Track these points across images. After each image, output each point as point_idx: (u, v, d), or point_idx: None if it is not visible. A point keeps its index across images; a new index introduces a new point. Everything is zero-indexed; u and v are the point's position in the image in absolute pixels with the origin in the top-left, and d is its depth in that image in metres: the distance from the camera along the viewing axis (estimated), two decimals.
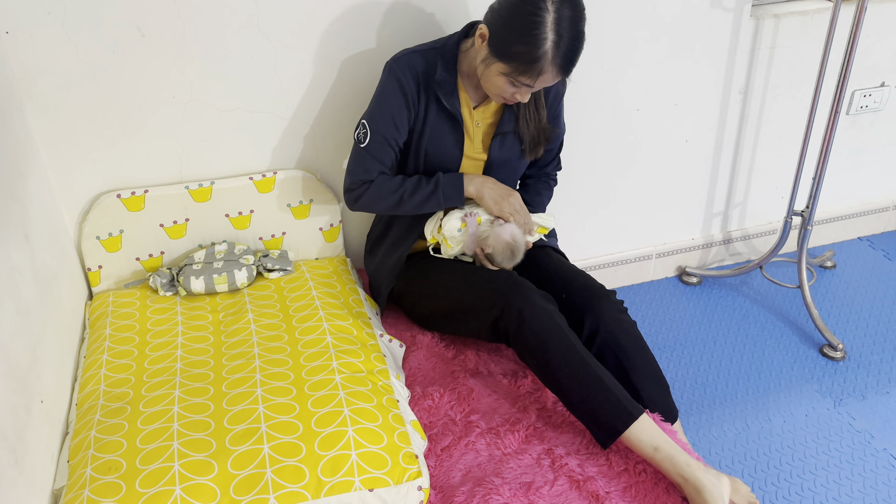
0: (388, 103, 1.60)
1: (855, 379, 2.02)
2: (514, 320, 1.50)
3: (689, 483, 1.36)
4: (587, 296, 1.60)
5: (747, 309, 2.29)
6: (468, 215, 1.68)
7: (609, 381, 1.45)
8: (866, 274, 2.43)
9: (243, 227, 1.86)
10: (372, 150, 1.64)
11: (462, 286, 1.65)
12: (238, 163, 1.83)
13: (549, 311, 1.50)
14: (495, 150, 1.69)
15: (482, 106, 1.66)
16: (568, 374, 1.45)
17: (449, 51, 1.60)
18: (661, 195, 2.28)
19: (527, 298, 1.51)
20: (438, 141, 1.65)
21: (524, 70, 1.44)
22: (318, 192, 1.88)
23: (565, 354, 1.46)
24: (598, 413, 1.43)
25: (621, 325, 1.58)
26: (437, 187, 1.65)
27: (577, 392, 1.45)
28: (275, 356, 1.55)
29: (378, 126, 1.62)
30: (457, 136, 1.65)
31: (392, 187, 1.66)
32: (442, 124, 1.64)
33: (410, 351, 1.76)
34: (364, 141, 1.64)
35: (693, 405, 1.96)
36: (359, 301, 1.78)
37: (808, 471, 1.76)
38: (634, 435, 1.40)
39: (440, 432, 1.55)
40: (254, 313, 1.70)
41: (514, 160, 1.72)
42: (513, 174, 1.76)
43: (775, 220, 2.47)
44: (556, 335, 1.48)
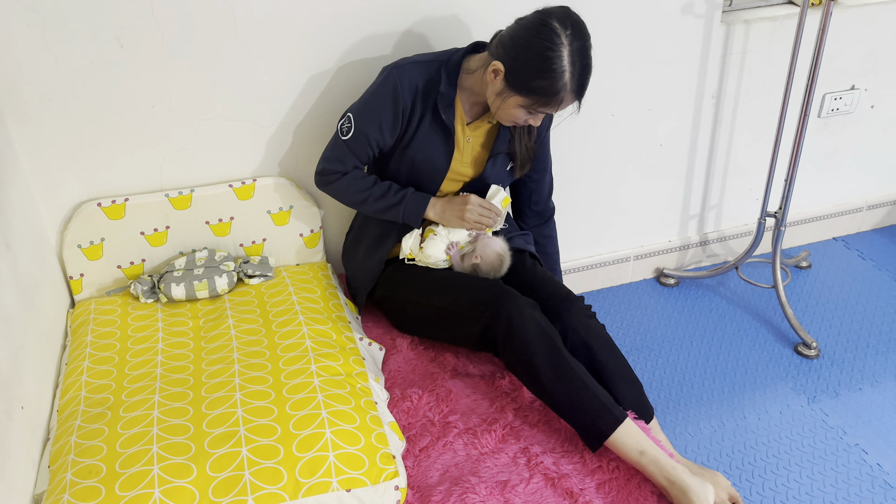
0: (379, 107, 1.63)
1: (828, 376, 2.06)
2: (503, 329, 1.53)
3: (674, 486, 1.39)
4: (556, 302, 1.64)
5: (724, 309, 2.33)
6: (450, 247, 1.72)
7: (594, 387, 1.48)
8: (841, 273, 2.48)
9: (224, 234, 1.89)
10: (352, 145, 1.68)
11: (449, 295, 1.67)
12: (218, 170, 1.85)
13: (537, 320, 1.54)
14: (489, 169, 1.73)
15: (475, 124, 1.70)
16: (555, 382, 1.48)
17: (453, 66, 1.64)
18: (638, 198, 2.31)
19: (516, 307, 1.54)
20: (428, 151, 1.68)
21: (545, 102, 1.51)
22: (298, 199, 1.91)
23: (552, 362, 1.49)
24: (586, 418, 1.46)
25: (590, 330, 1.61)
26: (401, 202, 1.69)
27: (564, 399, 1.48)
28: (254, 360, 1.57)
29: (363, 124, 1.65)
30: (447, 149, 1.68)
31: (362, 186, 1.70)
32: (434, 135, 1.67)
33: (390, 354, 1.78)
34: (347, 134, 1.67)
35: (670, 403, 1.99)
36: (339, 305, 1.80)
37: (783, 466, 1.80)
38: (620, 439, 1.43)
39: (418, 433, 1.57)
40: (234, 319, 1.72)
41: (504, 178, 1.76)
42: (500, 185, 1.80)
43: (750, 222, 2.52)
44: (543, 343, 1.51)
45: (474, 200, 1.68)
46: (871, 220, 2.69)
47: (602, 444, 1.45)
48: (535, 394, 1.54)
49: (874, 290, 2.39)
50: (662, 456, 1.41)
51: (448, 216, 1.69)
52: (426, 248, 1.72)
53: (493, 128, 1.72)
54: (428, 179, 1.72)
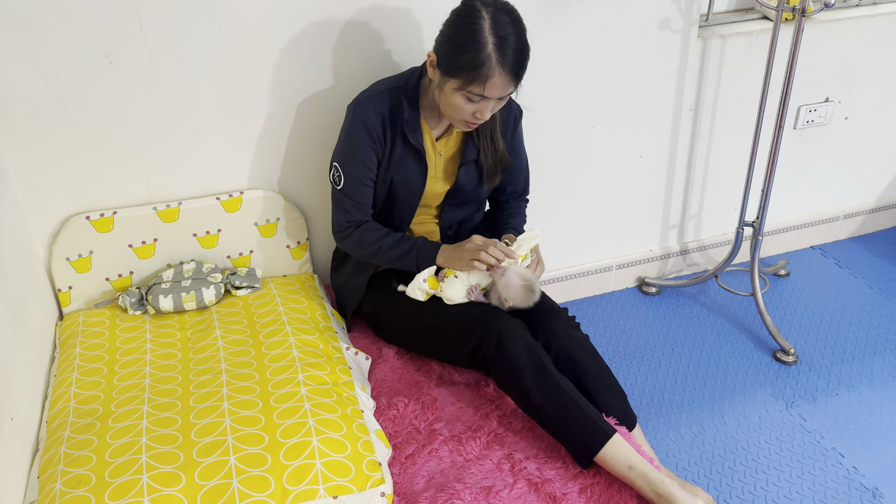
0: (357, 146, 1.67)
1: (806, 382, 2.10)
2: (493, 348, 1.56)
3: (663, 499, 1.42)
4: (539, 315, 1.67)
5: (704, 317, 2.37)
6: (472, 291, 1.69)
7: (583, 404, 1.51)
8: (818, 281, 2.53)
9: (211, 246, 1.91)
10: (348, 192, 1.72)
11: (439, 313, 1.69)
12: (205, 183, 1.88)
13: (526, 340, 1.57)
14: (462, 177, 1.76)
15: (444, 137, 1.74)
16: (545, 400, 1.51)
17: (411, 90, 1.67)
18: (618, 209, 2.36)
19: (505, 328, 1.57)
20: (403, 172, 1.72)
21: (473, 78, 1.50)
22: (285, 211, 1.94)
23: (541, 381, 1.52)
24: (575, 435, 1.49)
25: (573, 340, 1.65)
26: (411, 250, 1.71)
27: (553, 416, 1.51)
28: (241, 370, 1.59)
29: (349, 169, 1.69)
30: (420, 168, 1.72)
31: (373, 238, 1.73)
32: (407, 157, 1.71)
33: (376, 363, 1.81)
34: (339, 184, 1.71)
35: (651, 410, 2.03)
36: (325, 316, 1.83)
37: (762, 471, 1.83)
38: (609, 454, 1.46)
39: (404, 441, 1.60)
40: (221, 330, 1.74)
41: (476, 187, 1.79)
42: (476, 198, 1.83)
43: (729, 231, 2.57)
44: (531, 363, 1.54)
45: (475, 240, 1.65)
46: (847, 229, 2.75)
47: (591, 460, 1.48)
48: (526, 412, 1.57)
49: (850, 297, 2.44)
50: (651, 470, 1.44)
51: (454, 259, 1.67)
52: (446, 290, 1.70)
53: (461, 137, 1.76)
54: (405, 199, 1.76)
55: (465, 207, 1.85)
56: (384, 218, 1.79)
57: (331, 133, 1.91)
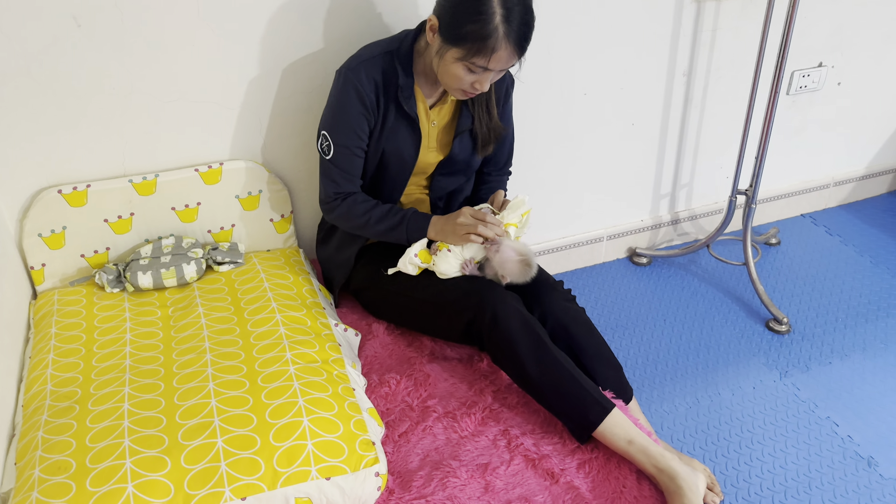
0: (348, 113, 1.60)
1: (799, 351, 2.09)
2: (489, 323, 1.51)
3: (663, 473, 1.39)
4: (535, 288, 1.62)
5: (695, 287, 2.34)
6: (466, 265, 1.64)
7: (580, 377, 1.47)
8: (809, 249, 2.51)
9: (190, 220, 1.83)
10: (338, 162, 1.64)
11: (432, 287, 1.63)
12: (183, 154, 1.80)
13: (521, 313, 1.52)
14: (456, 148, 1.70)
15: (438, 105, 1.67)
16: (541, 374, 1.47)
17: (404, 54, 1.59)
18: (610, 178, 2.31)
19: (500, 301, 1.52)
20: (396, 141, 1.65)
21: (478, 49, 1.43)
22: (268, 183, 1.86)
23: (537, 355, 1.48)
24: (573, 409, 1.45)
25: (569, 313, 1.61)
26: (401, 223, 1.65)
27: (551, 391, 1.47)
28: (227, 349, 1.53)
29: (339, 137, 1.62)
30: (414, 137, 1.66)
31: (362, 210, 1.67)
32: (400, 126, 1.64)
33: (366, 339, 1.75)
34: (328, 153, 1.64)
35: (645, 382, 2.00)
36: (312, 292, 1.77)
37: (756, 441, 1.82)
38: (608, 428, 1.42)
39: (397, 418, 1.56)
40: (204, 307, 1.67)
41: (469, 157, 1.73)
42: (468, 169, 1.77)
43: (721, 200, 2.53)
44: (527, 336, 1.49)
45: (465, 212, 1.60)
46: (837, 196, 2.73)
47: (590, 434, 1.44)
48: (523, 387, 1.53)
49: (841, 265, 2.43)
50: (650, 444, 1.41)
51: (446, 233, 1.62)
52: (439, 264, 1.64)
53: (455, 106, 1.69)
54: (397, 170, 1.69)
55: (456, 177, 1.79)
56: (374, 189, 1.73)
57: (316, 100, 1.83)
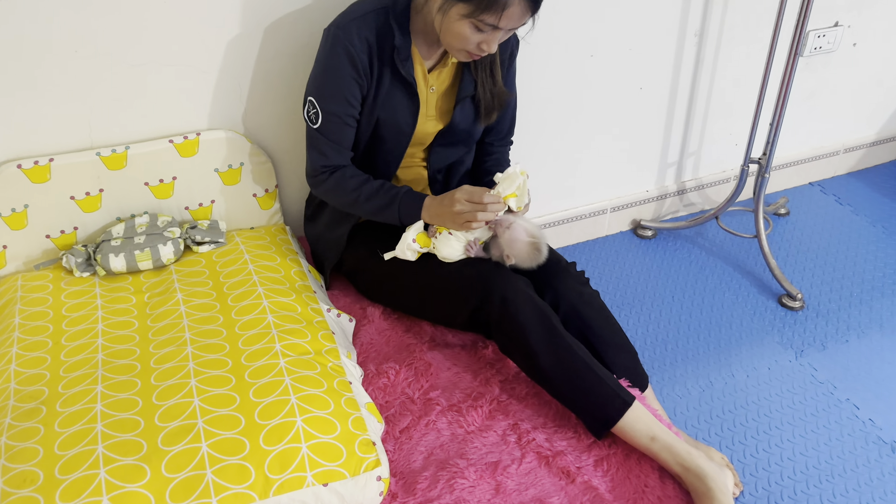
0: (338, 78, 1.44)
1: (814, 329, 1.99)
2: (497, 309, 1.38)
3: (690, 472, 1.28)
4: (547, 271, 1.49)
5: (703, 261, 2.23)
6: (470, 247, 1.48)
7: (598, 368, 1.36)
8: (819, 220, 2.41)
9: (166, 196, 1.68)
10: (326, 132, 1.49)
11: (433, 271, 1.49)
12: (155, 124, 1.63)
13: (533, 299, 1.39)
14: (458, 116, 1.55)
15: (437, 69, 1.52)
16: (555, 364, 1.35)
17: (401, 11, 1.44)
18: (615, 147, 2.18)
19: (510, 285, 1.39)
20: (392, 109, 1.50)
21: (488, 5, 1.28)
22: (250, 154, 1.71)
23: (551, 343, 1.36)
24: (590, 403, 1.34)
25: (583, 298, 1.48)
26: (393, 202, 1.50)
27: (566, 383, 1.35)
28: (210, 340, 1.39)
29: (328, 104, 1.46)
30: (411, 104, 1.50)
31: (352, 185, 1.52)
32: (395, 91, 1.48)
33: (361, 325, 1.62)
34: (316, 122, 1.48)
35: (655, 363, 1.90)
36: (301, 273, 1.63)
37: (774, 426, 1.73)
38: (629, 424, 1.31)
39: (398, 412, 1.44)
40: (183, 293, 1.53)
41: (471, 126, 1.59)
42: (469, 139, 1.63)
43: (729, 169, 2.41)
44: (540, 324, 1.37)
45: (460, 197, 1.41)
46: (846, 163, 2.62)
47: (608, 430, 1.33)
48: (534, 379, 1.41)
49: (854, 236, 2.33)
50: (675, 441, 1.30)
51: (443, 219, 1.45)
52: (440, 248, 1.49)
53: (456, 70, 1.54)
54: (392, 141, 1.54)
55: (456, 148, 1.64)
56: (367, 163, 1.58)
57: (302, 62, 1.67)
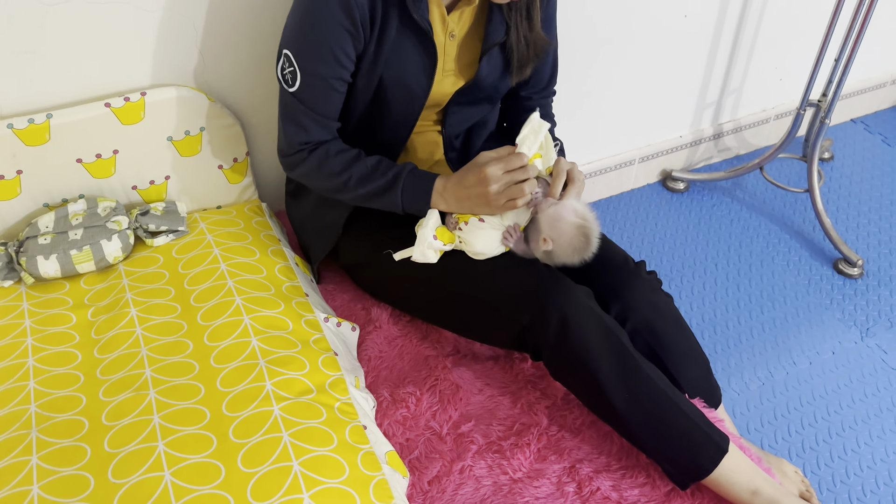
0: (325, 28, 1.07)
1: (878, 301, 1.74)
2: (555, 331, 1.07)
3: None
4: (613, 277, 1.18)
5: (746, 219, 1.95)
6: (509, 234, 1.14)
7: (684, 405, 1.07)
8: (867, 166, 2.12)
9: (106, 175, 1.30)
10: (306, 98, 1.12)
11: (468, 275, 1.15)
12: (86, 83, 1.24)
13: (600, 318, 1.08)
14: (484, 69, 1.19)
15: (458, 9, 1.14)
16: (630, 404, 1.06)
17: None
18: (651, 87, 1.83)
19: (570, 301, 1.07)
20: (400, 66, 1.13)
21: None
22: (212, 116, 1.33)
23: (625, 377, 1.06)
24: (676, 451, 1.06)
25: (657, 309, 1.18)
26: (395, 185, 1.15)
27: (644, 426, 1.07)
28: (178, 380, 1.07)
29: (311, 63, 1.09)
30: (426, 58, 1.14)
31: (337, 166, 1.16)
32: (405, 41, 1.12)
33: (366, 332, 1.31)
34: (293, 83, 1.11)
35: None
36: (288, 270, 1.30)
37: (847, 426, 1.49)
38: (725, 476, 1.04)
39: (424, 455, 1.15)
40: (138, 307, 1.18)
41: (498, 81, 1.23)
42: (495, 95, 1.28)
43: (770, 108, 2.09)
44: (610, 351, 1.07)
45: (492, 171, 1.07)
46: (891, 96, 2.32)
47: (698, 482, 1.06)
48: (600, 416, 1.12)
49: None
50: (782, 494, 1.04)
51: (472, 204, 1.11)
52: (472, 242, 1.15)
53: (481, 7, 1.17)
54: (401, 107, 1.18)
55: (479, 107, 1.29)
56: (366, 135, 1.21)
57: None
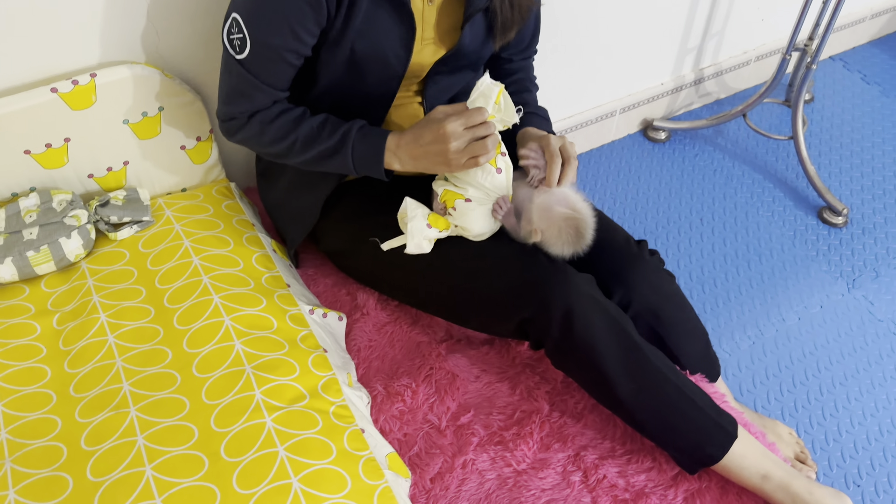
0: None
1: (863, 250, 1.73)
2: (559, 324, 1.02)
3: None
4: (615, 260, 1.12)
5: (728, 168, 1.90)
6: (499, 207, 1.07)
7: (692, 392, 1.04)
8: (847, 106, 2.08)
9: (58, 165, 1.19)
10: (254, 68, 1.02)
11: (466, 265, 1.09)
12: (27, 66, 1.11)
13: (605, 308, 1.03)
14: (467, 37, 1.09)
15: None
16: (638, 394, 1.03)
17: None
18: (632, 32, 1.74)
19: (575, 293, 1.01)
20: (375, 38, 1.03)
21: None
22: (171, 94, 1.21)
23: (632, 367, 1.02)
24: (684, 439, 1.04)
25: (661, 291, 1.13)
26: (343, 146, 1.05)
27: (653, 416, 1.04)
28: (160, 394, 1.00)
29: (262, 34, 0.98)
30: (403, 29, 1.03)
31: (279, 132, 1.07)
32: (378, 10, 1.01)
33: (353, 319, 1.25)
34: (241, 51, 1.00)
35: None
36: (266, 259, 1.21)
37: (838, 382, 1.49)
38: (735, 462, 1.02)
39: (424, 451, 1.11)
40: (107, 311, 1.09)
41: (481, 47, 1.13)
42: (478, 62, 1.18)
43: (751, 49, 2.02)
44: (616, 342, 1.02)
45: (452, 126, 0.97)
46: (869, 31, 2.27)
47: (706, 468, 1.04)
48: (606, 406, 1.08)
49: (888, 125, 2.02)
50: (792, 476, 1.03)
51: (430, 162, 1.02)
52: (467, 226, 1.07)
53: None
54: (377, 80, 1.08)
55: (462, 74, 1.20)
56: (340, 114, 1.10)
57: None
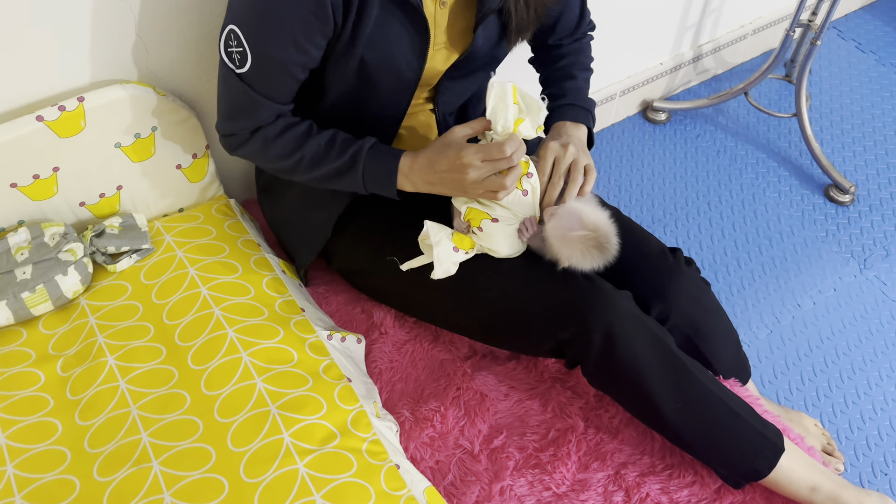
0: (285, 9, 0.88)
1: (872, 227, 1.71)
2: (599, 345, 0.98)
3: None
4: (653, 275, 1.08)
5: (732, 148, 1.87)
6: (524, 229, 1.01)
7: (737, 405, 1.02)
8: (845, 77, 2.05)
9: (47, 196, 1.10)
10: (256, 82, 0.94)
11: (496, 283, 1.03)
12: (10, 92, 1.02)
13: (647, 326, 0.99)
14: (480, 39, 1.02)
15: None
16: (684, 413, 0.99)
17: None
18: (635, 10, 1.68)
19: (615, 313, 0.97)
20: (385, 46, 0.96)
21: None
22: (164, 112, 1.13)
23: (677, 386, 0.99)
24: (731, 455, 1.01)
25: (700, 304, 1.10)
26: (354, 165, 0.99)
27: (699, 434, 1.01)
28: (182, 444, 0.94)
29: (264, 46, 0.91)
30: (416, 36, 0.96)
31: (284, 148, 1.00)
32: (390, 18, 0.94)
33: (371, 340, 1.19)
34: (242, 65, 0.93)
35: None
36: (277, 282, 1.15)
37: (858, 367, 1.48)
38: (783, 475, 1.00)
39: (459, 479, 1.07)
40: (115, 353, 1.03)
41: (494, 48, 1.06)
42: (492, 63, 1.11)
43: (748, 23, 1.97)
44: (662, 360, 0.99)
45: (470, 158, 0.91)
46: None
47: (753, 482, 1.02)
48: (648, 424, 1.05)
49: (887, 95, 2.00)
50: (842, 486, 1.01)
51: (440, 190, 0.97)
52: (495, 247, 1.02)
53: None
54: (389, 91, 1.01)
55: (474, 77, 1.13)
56: (350, 128, 1.04)
57: None
